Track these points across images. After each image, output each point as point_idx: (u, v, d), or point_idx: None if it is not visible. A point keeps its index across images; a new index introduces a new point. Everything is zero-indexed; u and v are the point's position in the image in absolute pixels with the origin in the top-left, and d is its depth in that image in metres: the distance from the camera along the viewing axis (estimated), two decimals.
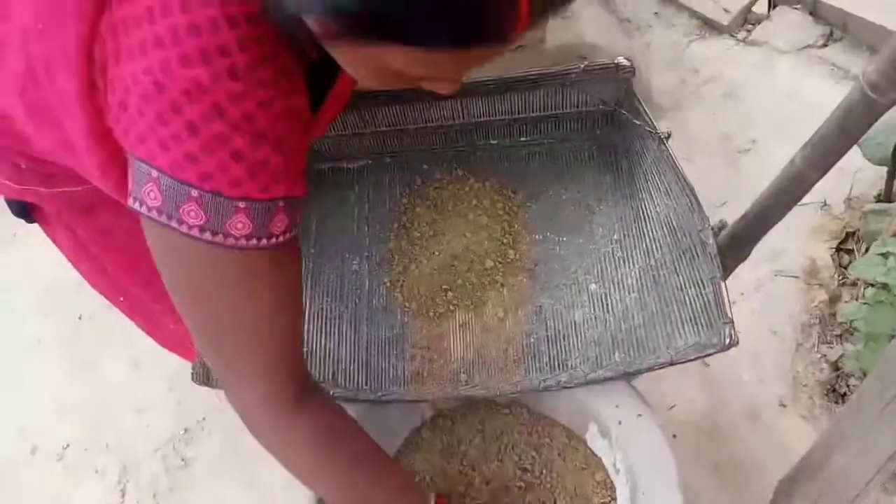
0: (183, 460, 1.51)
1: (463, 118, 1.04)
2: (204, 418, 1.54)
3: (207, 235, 0.56)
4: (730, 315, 0.79)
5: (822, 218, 1.56)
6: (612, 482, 0.88)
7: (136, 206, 0.57)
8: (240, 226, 0.57)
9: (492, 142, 1.07)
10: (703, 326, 0.82)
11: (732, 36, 1.99)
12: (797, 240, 1.55)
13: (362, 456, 0.73)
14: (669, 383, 1.44)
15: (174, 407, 1.57)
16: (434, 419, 0.96)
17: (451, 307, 0.96)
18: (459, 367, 0.92)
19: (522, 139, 1.07)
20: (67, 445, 1.56)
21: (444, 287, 0.97)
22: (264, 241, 0.58)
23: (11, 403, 1.64)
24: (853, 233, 1.52)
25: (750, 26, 1.99)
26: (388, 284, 0.99)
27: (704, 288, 0.82)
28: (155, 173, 0.55)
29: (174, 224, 0.56)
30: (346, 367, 0.93)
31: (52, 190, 0.80)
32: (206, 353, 0.66)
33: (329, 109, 0.71)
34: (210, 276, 0.60)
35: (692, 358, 0.81)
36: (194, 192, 0.55)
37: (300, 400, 0.67)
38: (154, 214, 0.56)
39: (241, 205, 0.56)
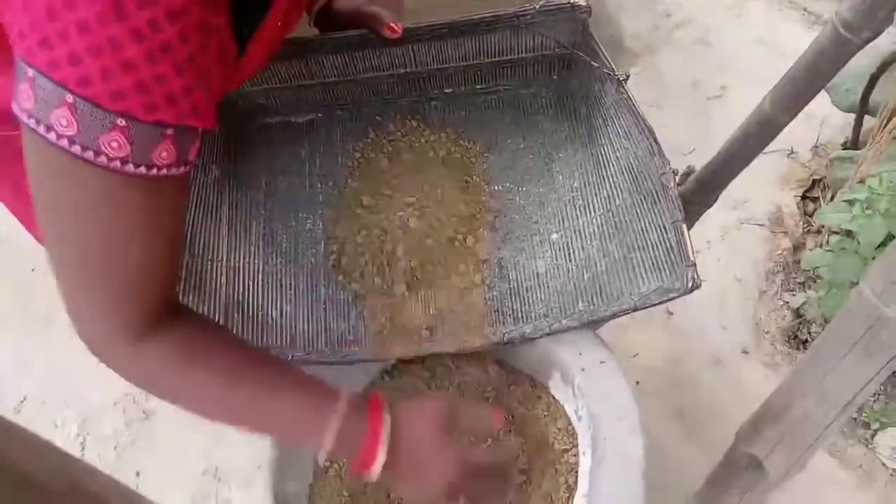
0: (144, 413, 1.49)
1: (415, 65, 0.99)
2: None
3: (76, 149, 0.51)
4: (692, 258, 0.77)
5: (788, 166, 1.56)
6: (573, 429, 0.87)
7: (15, 108, 0.51)
8: (115, 145, 0.51)
9: (446, 90, 1.02)
10: (665, 271, 0.80)
11: None
12: (763, 188, 1.54)
13: (237, 367, 0.64)
14: (633, 332, 1.44)
15: None
16: (395, 367, 0.94)
17: (410, 264, 0.93)
18: (421, 323, 0.90)
19: (478, 87, 1.03)
20: (24, 399, 1.53)
21: (402, 243, 0.94)
22: (142, 170, 0.53)
23: None
24: (819, 180, 1.51)
25: None
26: (344, 243, 0.95)
27: (667, 232, 0.81)
28: (31, 72, 0.49)
29: (42, 131, 0.50)
30: (305, 329, 0.90)
31: None
32: (57, 280, 0.59)
33: (261, 41, 0.65)
34: (72, 195, 0.53)
35: (656, 302, 0.80)
36: (69, 97, 0.49)
37: (146, 332, 0.60)
38: (25, 118, 0.51)
39: (120, 122, 0.50)
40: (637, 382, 1.39)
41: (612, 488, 0.78)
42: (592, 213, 0.93)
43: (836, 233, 1.32)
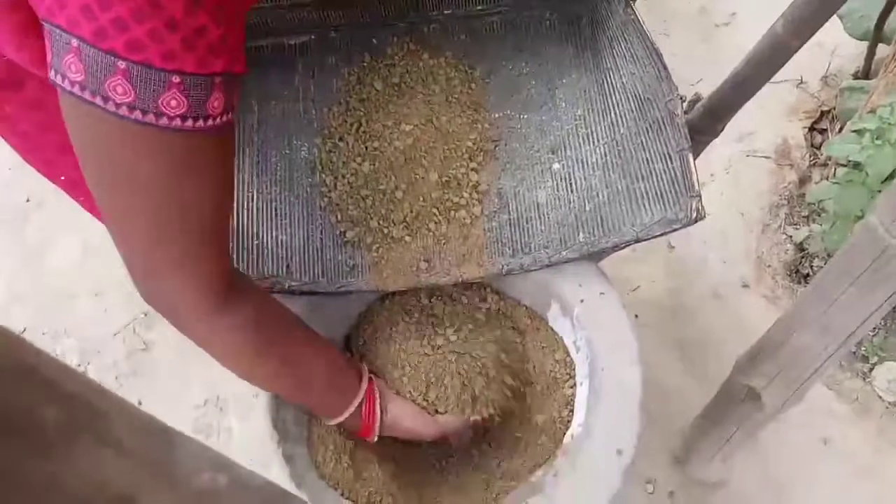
0: (144, 343, 1.49)
1: None
2: None
3: (137, 114, 0.51)
4: (697, 188, 0.76)
5: (797, 96, 1.52)
6: (572, 360, 0.87)
7: (58, 79, 0.51)
8: (174, 103, 0.51)
9: (445, 12, 0.98)
10: (669, 201, 0.78)
11: None
12: (770, 119, 1.51)
13: (301, 339, 0.73)
14: (634, 265, 1.43)
15: (131, 291, 1.52)
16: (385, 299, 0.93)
17: (408, 192, 0.91)
18: (420, 254, 0.88)
19: (478, 7, 0.98)
20: (24, 330, 1.53)
21: (399, 172, 0.91)
22: (200, 123, 0.53)
23: None
24: (829, 112, 1.48)
25: None
26: (341, 172, 0.92)
27: (672, 161, 0.78)
28: (75, 42, 0.48)
29: (98, 101, 0.50)
30: (301, 259, 0.89)
31: None
32: (128, 247, 0.60)
33: None
34: (139, 161, 0.54)
35: (658, 234, 0.79)
36: (121, 64, 0.49)
37: (228, 293, 0.63)
38: (77, 90, 0.50)
39: (175, 79, 0.50)
40: (636, 315, 1.39)
41: (610, 417, 0.78)
42: (596, 141, 0.90)
43: (843, 165, 1.30)
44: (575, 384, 0.86)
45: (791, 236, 1.37)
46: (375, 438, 0.80)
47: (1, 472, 0.19)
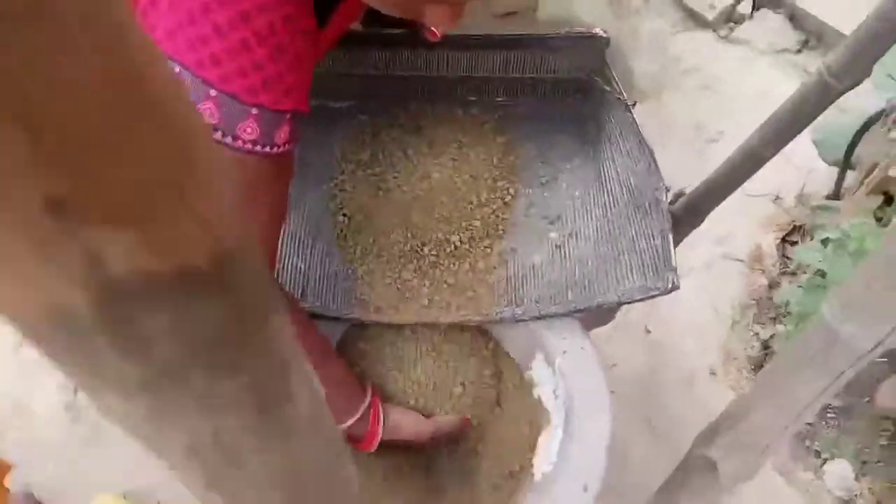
0: None
1: (447, 70, 1.10)
2: None
3: (218, 135, 0.61)
4: (674, 263, 0.87)
5: (773, 210, 1.67)
6: (545, 407, 0.96)
7: None
8: (249, 130, 0.62)
9: (471, 98, 1.13)
10: (650, 272, 0.90)
11: (715, 31, 2.08)
12: (747, 227, 1.65)
13: (311, 345, 0.81)
14: (614, 345, 1.53)
15: None
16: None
17: (423, 240, 1.02)
18: (424, 297, 0.99)
19: (499, 99, 1.14)
20: None
21: (420, 223, 1.03)
22: (267, 149, 0.64)
23: None
24: (801, 226, 1.62)
25: (733, 24, 2.08)
26: (360, 216, 1.04)
27: (654, 240, 0.91)
28: (178, 68, 0.59)
29: None
30: (316, 286, 0.99)
31: None
32: None
33: (330, 33, 0.77)
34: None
35: (637, 298, 0.89)
36: (213, 92, 0.59)
37: None
38: None
39: (254, 111, 0.61)
40: (612, 392, 1.48)
41: (580, 457, 0.87)
42: (590, 218, 1.03)
43: (807, 274, 1.43)
44: (548, 427, 0.95)
45: (758, 334, 1.49)
46: (375, 447, 0.87)
47: (260, 309, 0.23)
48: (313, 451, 0.32)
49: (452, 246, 1.02)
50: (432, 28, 1.01)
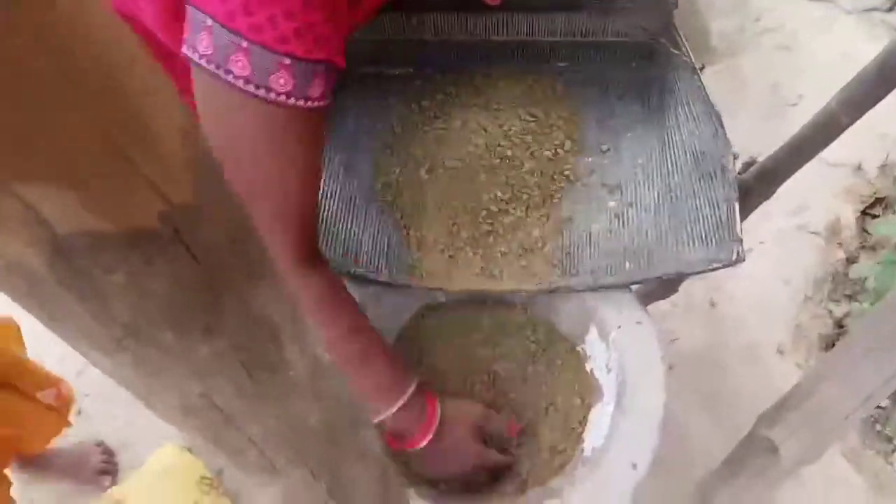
0: None
1: (507, 34, 1.06)
2: None
3: (251, 88, 0.60)
4: (739, 234, 0.83)
5: (854, 180, 1.57)
6: (598, 382, 0.94)
7: (189, 52, 0.61)
8: (282, 82, 0.60)
9: (531, 63, 1.09)
10: (713, 243, 0.85)
11: None
12: (826, 198, 1.56)
13: (357, 327, 0.79)
14: (675, 319, 1.49)
15: None
16: (437, 306, 1.02)
17: (476, 212, 0.99)
18: (480, 265, 0.97)
19: (561, 64, 1.10)
20: None
21: (475, 190, 1.00)
22: (301, 102, 0.63)
23: None
24: (882, 199, 1.52)
25: None
26: (412, 182, 1.02)
27: (719, 209, 0.86)
28: (209, 21, 0.58)
29: (222, 73, 0.60)
30: (368, 251, 0.99)
31: None
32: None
33: None
34: (249, 127, 0.63)
35: (699, 270, 0.85)
36: (244, 43, 0.58)
37: (311, 258, 0.72)
38: (204, 62, 0.60)
39: (286, 61, 0.59)
40: (671, 367, 1.44)
41: (630, 434, 0.84)
42: (651, 186, 0.98)
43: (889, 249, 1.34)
44: (600, 402, 0.92)
45: (832, 311, 1.41)
46: (425, 442, 0.82)
47: (233, 274, 0.24)
48: (317, 416, 0.32)
49: (508, 213, 1.00)
50: None
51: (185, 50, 0.61)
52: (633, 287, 0.95)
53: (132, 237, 0.18)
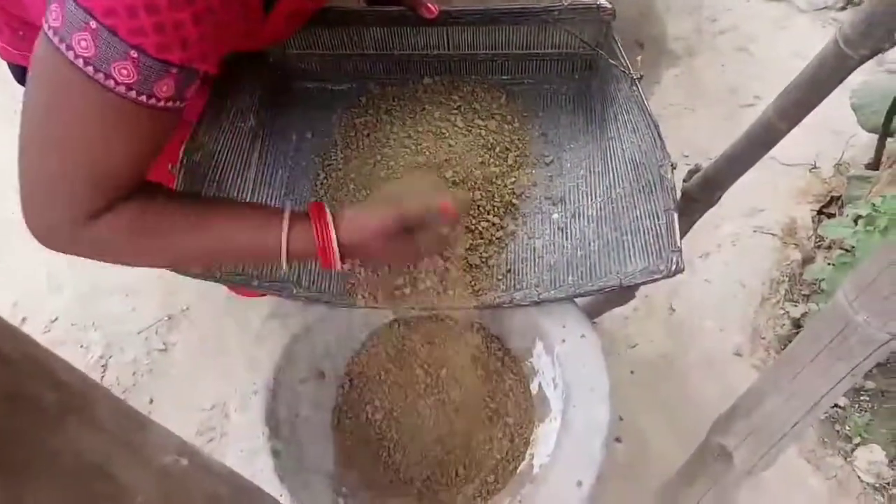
0: (164, 345, 1.58)
1: (447, 48, 1.06)
2: (188, 308, 1.60)
3: (90, 69, 0.57)
4: (679, 244, 0.82)
5: (809, 180, 1.58)
6: (546, 397, 0.93)
7: (43, 23, 0.58)
8: (124, 73, 0.57)
9: (473, 77, 1.09)
10: (654, 254, 0.85)
11: None
12: (781, 199, 1.57)
13: (195, 218, 0.71)
14: (636, 324, 1.48)
15: (161, 294, 1.63)
16: (391, 324, 1.01)
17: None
18: (422, 284, 0.96)
19: (504, 77, 1.09)
20: (55, 319, 1.63)
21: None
22: (143, 98, 0.59)
23: (7, 277, 1.71)
24: (838, 198, 1.53)
25: None
26: (365, 195, 1.01)
27: (658, 219, 0.85)
28: None
29: (63, 48, 0.56)
30: (312, 269, 0.97)
31: None
32: (22, 170, 0.64)
33: (281, 12, 0.72)
34: (70, 105, 0.60)
35: (640, 282, 0.85)
36: (92, 24, 0.55)
37: (94, 216, 0.66)
38: (50, 34, 0.57)
39: (133, 53, 0.57)
40: (631, 372, 1.44)
41: (575, 450, 0.83)
42: (593, 198, 0.98)
43: (845, 250, 1.35)
44: (548, 418, 0.91)
45: (788, 312, 1.41)
46: (337, 256, 0.73)
47: (19, 435, 0.22)
48: None
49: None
50: (428, 4, 0.97)
51: (43, 23, 0.58)
52: (586, 296, 0.94)
53: None
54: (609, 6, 0.97)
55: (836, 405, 1.33)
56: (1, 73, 0.96)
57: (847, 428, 1.30)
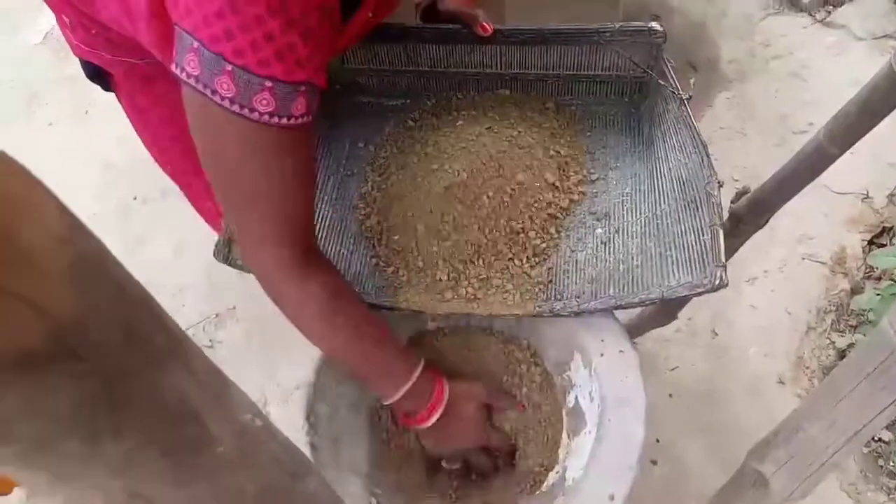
0: (210, 342, 1.62)
1: (499, 67, 1.08)
2: (234, 307, 1.65)
3: (236, 107, 0.63)
4: (723, 260, 0.82)
5: (861, 209, 1.55)
6: (581, 410, 0.93)
7: (178, 72, 0.64)
8: (265, 102, 0.63)
9: (523, 95, 1.11)
10: (697, 269, 0.85)
11: (810, 15, 1.94)
12: (832, 227, 1.54)
13: (363, 319, 0.81)
14: (676, 346, 1.47)
15: (209, 292, 1.68)
16: (429, 333, 1.02)
17: (464, 240, 0.99)
18: (464, 290, 0.97)
19: (554, 97, 1.11)
20: None
21: (462, 217, 1.00)
22: (284, 121, 0.65)
23: None
24: (890, 228, 1.50)
25: (830, 7, 1.94)
26: (413, 203, 1.02)
27: (703, 235, 0.86)
28: (196, 44, 0.61)
29: (209, 93, 0.63)
30: (356, 271, 1.00)
31: (116, 58, 0.87)
32: (228, 217, 0.74)
33: (355, 24, 0.77)
34: (235, 144, 0.67)
35: (682, 295, 0.85)
36: (228, 66, 0.61)
37: (307, 264, 0.74)
38: (192, 82, 0.63)
39: (268, 83, 0.63)
40: (670, 395, 1.43)
41: (609, 465, 0.84)
42: (638, 214, 0.98)
43: (893, 280, 1.32)
44: (583, 431, 0.92)
45: (834, 342, 1.39)
46: (435, 419, 0.85)
47: (131, 369, 0.24)
48: (254, 484, 0.32)
49: (497, 242, 1.00)
50: (483, 23, 1.00)
51: (174, 69, 0.65)
52: (627, 315, 0.94)
53: (21, 359, 0.17)
54: (660, 29, 0.98)
55: (880, 440, 1.30)
56: (73, 72, 1.01)
57: (891, 464, 1.27)
